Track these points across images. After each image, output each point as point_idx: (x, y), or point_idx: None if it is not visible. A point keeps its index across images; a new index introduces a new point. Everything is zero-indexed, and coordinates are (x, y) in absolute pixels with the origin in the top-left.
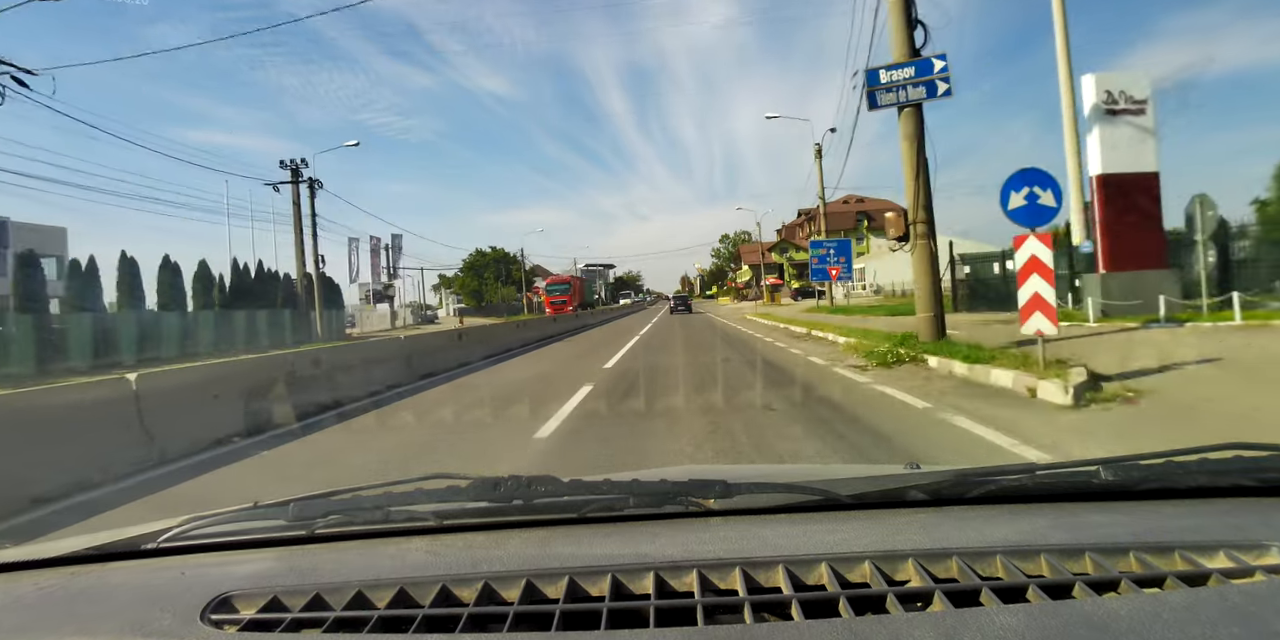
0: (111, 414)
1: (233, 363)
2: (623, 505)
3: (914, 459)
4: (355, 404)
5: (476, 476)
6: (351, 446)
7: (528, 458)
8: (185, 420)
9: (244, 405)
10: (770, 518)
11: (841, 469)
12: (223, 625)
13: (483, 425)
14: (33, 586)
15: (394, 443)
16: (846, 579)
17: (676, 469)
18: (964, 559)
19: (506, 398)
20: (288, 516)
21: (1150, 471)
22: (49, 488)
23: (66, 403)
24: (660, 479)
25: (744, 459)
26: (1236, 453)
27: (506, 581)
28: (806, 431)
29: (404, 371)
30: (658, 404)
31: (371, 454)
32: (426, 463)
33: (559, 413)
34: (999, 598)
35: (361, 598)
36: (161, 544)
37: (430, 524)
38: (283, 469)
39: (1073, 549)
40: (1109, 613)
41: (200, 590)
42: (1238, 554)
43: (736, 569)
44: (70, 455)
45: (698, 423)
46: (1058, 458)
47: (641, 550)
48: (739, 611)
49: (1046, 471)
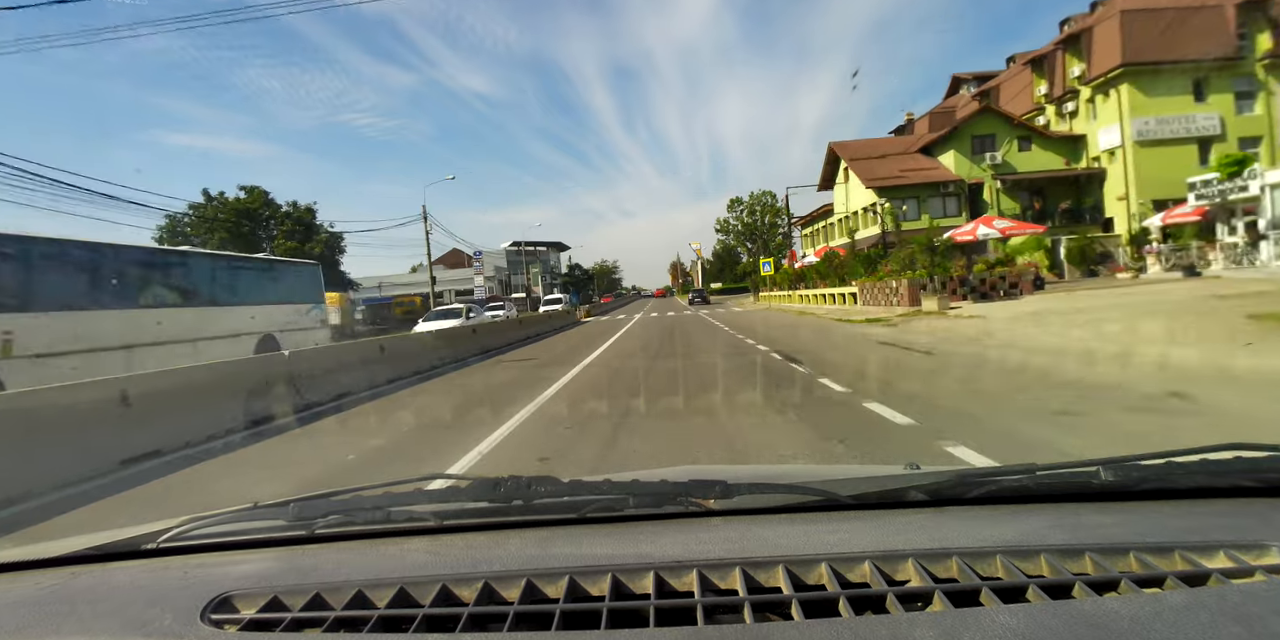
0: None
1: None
2: (623, 505)
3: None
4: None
5: (476, 477)
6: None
7: None
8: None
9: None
10: (770, 518)
11: (841, 469)
12: (223, 625)
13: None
14: (33, 586)
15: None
16: (847, 579)
17: (676, 469)
18: (964, 559)
19: None
20: (288, 516)
21: (1150, 472)
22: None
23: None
24: (660, 479)
25: None
26: (1236, 453)
27: (507, 581)
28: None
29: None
30: None
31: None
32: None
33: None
34: (999, 598)
35: (362, 597)
36: (162, 544)
37: (430, 524)
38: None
39: (1073, 549)
40: (1109, 613)
41: (200, 590)
42: (1238, 554)
43: (737, 569)
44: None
45: None
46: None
47: (642, 550)
48: (739, 611)
49: (1047, 472)
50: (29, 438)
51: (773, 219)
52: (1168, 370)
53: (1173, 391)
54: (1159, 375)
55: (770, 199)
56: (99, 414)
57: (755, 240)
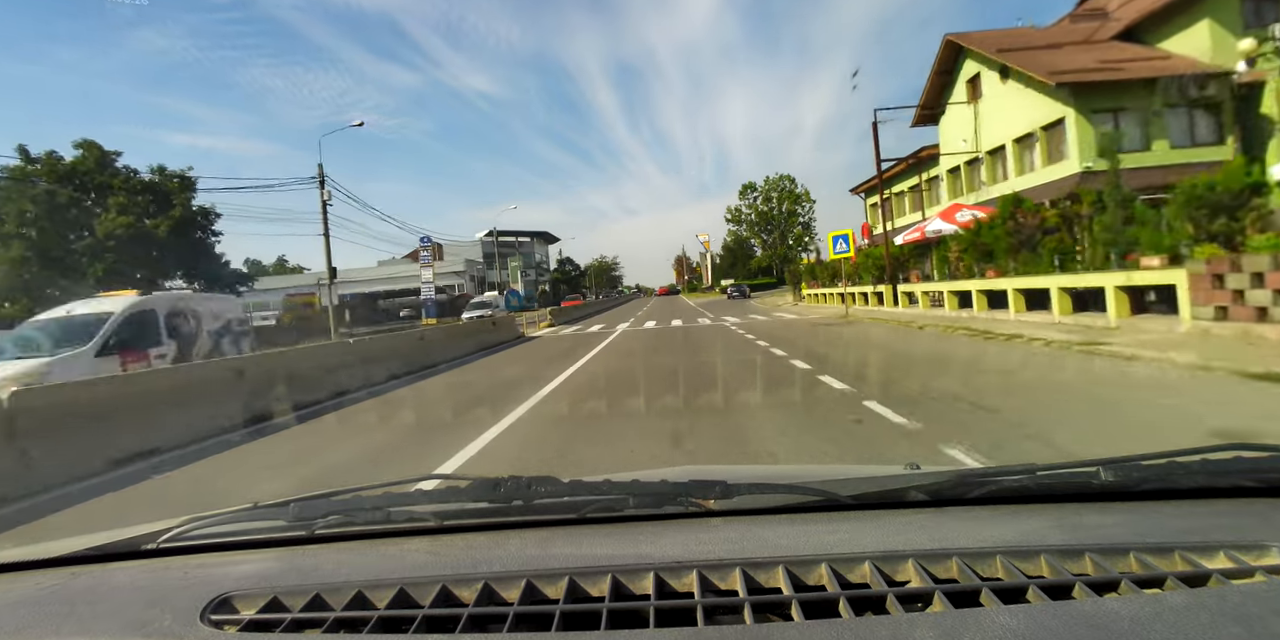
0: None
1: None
2: (623, 506)
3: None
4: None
5: (476, 477)
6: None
7: None
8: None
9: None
10: (770, 518)
11: (841, 469)
12: (223, 625)
13: None
14: (34, 586)
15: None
16: (847, 579)
17: (676, 470)
18: (964, 559)
19: None
20: (288, 517)
21: (1150, 472)
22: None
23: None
24: (660, 479)
25: None
26: (1237, 453)
27: (506, 582)
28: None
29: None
30: None
31: None
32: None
33: None
34: (999, 598)
35: (362, 598)
36: (161, 544)
37: (430, 524)
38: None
39: (1073, 549)
40: (1109, 613)
41: (200, 590)
42: (1238, 554)
43: (737, 569)
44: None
45: None
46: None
47: (642, 551)
48: (739, 612)
49: (1047, 472)
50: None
51: (791, 206)
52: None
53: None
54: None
55: (789, 183)
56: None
57: (772, 230)
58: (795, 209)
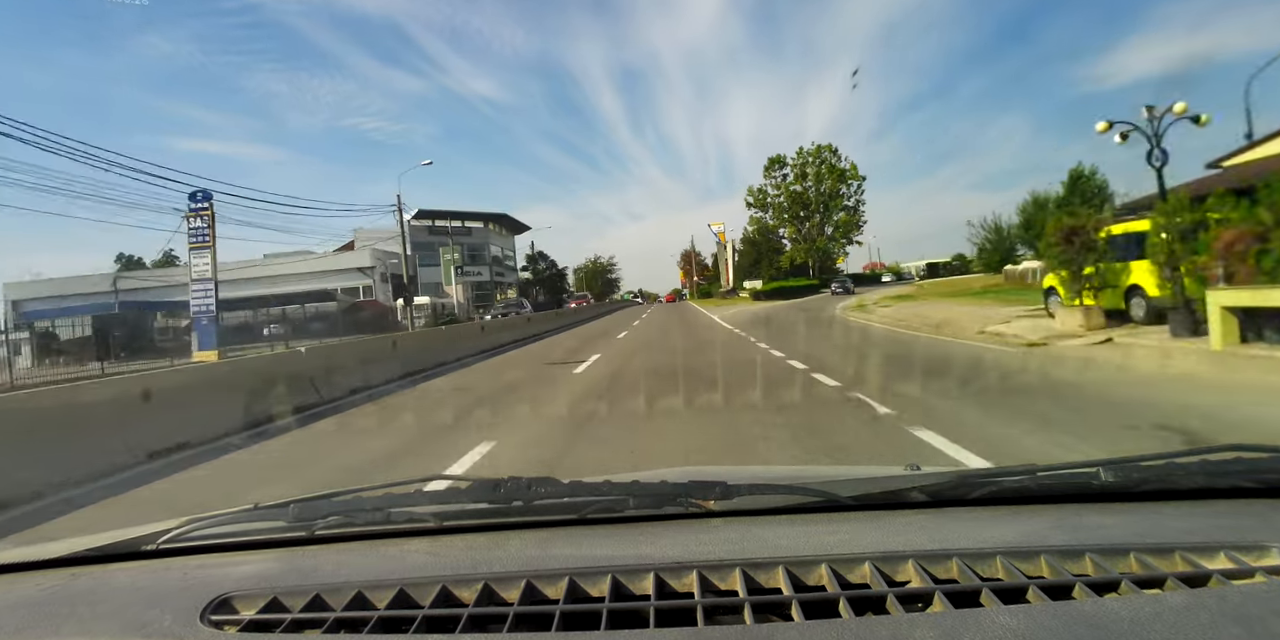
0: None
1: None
2: (623, 506)
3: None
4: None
5: (476, 478)
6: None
7: None
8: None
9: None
10: (770, 519)
11: (841, 470)
12: (223, 626)
13: None
14: (34, 587)
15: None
16: (847, 580)
17: (676, 470)
18: (964, 560)
19: None
20: (288, 518)
21: (1150, 473)
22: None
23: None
24: (660, 480)
25: None
26: (1237, 454)
27: (506, 582)
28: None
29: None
30: None
31: None
32: None
33: None
34: (999, 598)
35: (362, 598)
36: (162, 545)
37: (430, 525)
38: None
39: (1073, 550)
40: (1109, 613)
41: (200, 591)
42: (1238, 555)
43: (737, 570)
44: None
45: None
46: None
47: (642, 551)
48: (739, 612)
49: (1047, 473)
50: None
51: (835, 185)
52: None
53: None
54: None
55: (830, 154)
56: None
57: (808, 217)
58: (840, 187)
